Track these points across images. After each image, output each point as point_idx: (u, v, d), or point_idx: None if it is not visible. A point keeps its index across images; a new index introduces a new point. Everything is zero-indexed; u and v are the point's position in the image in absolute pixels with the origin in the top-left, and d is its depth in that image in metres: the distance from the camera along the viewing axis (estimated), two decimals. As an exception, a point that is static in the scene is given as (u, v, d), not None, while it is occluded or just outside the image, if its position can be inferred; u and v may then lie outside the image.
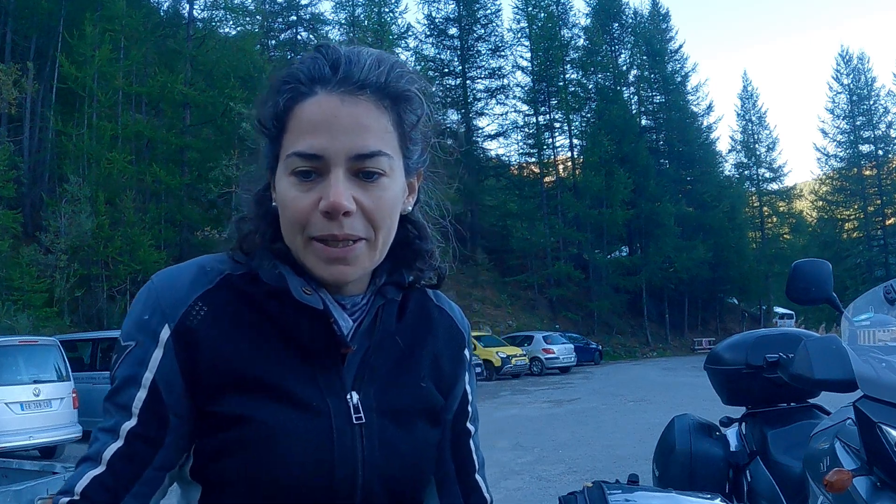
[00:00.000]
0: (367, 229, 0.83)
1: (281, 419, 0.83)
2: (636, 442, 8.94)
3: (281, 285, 0.86)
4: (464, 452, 1.04)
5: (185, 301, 0.85)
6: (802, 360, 1.98)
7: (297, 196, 0.81)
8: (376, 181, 0.82)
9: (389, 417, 0.89)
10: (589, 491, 1.81)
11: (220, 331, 0.84)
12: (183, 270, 0.89)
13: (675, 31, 55.40)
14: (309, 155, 0.80)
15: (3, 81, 22.00)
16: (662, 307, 44.13)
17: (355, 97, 0.81)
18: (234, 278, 0.88)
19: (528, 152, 45.88)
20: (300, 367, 0.86)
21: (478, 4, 44.77)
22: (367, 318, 0.91)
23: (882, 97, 52.75)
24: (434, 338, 0.99)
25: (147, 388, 0.83)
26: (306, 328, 0.86)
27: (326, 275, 0.84)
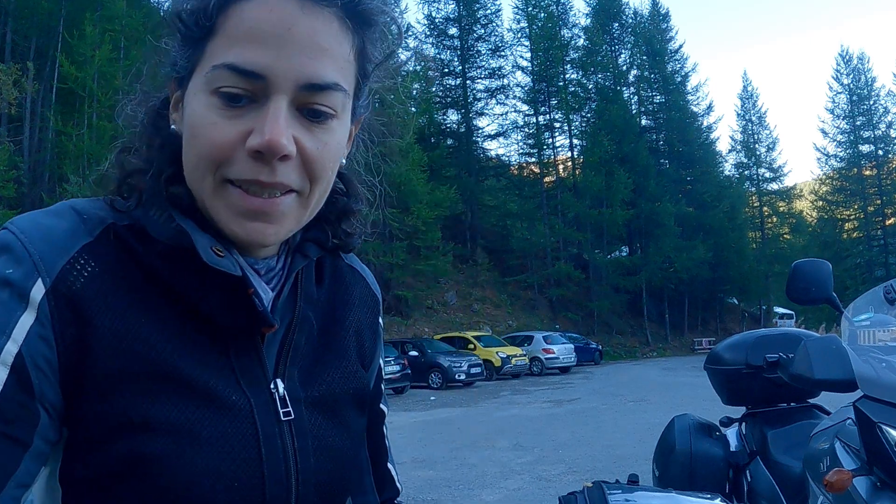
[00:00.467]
0: (303, 180, 0.64)
1: (193, 423, 0.62)
2: (636, 442, 8.94)
3: (180, 243, 0.64)
4: (377, 439, 0.89)
5: (65, 251, 0.62)
6: (802, 360, 1.98)
7: (217, 123, 0.61)
8: (324, 122, 0.64)
9: (318, 409, 0.72)
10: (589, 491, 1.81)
11: (113, 297, 0.62)
12: (54, 214, 0.65)
13: (675, 31, 55.54)
14: (247, 72, 0.60)
15: (3, 81, 22.00)
16: (662, 307, 44.13)
17: (318, 7, 0.62)
18: (119, 229, 0.66)
19: (528, 152, 45.89)
20: (209, 350, 0.66)
21: (478, 4, 44.75)
22: (288, 283, 0.72)
23: (882, 97, 52.85)
24: (352, 306, 0.82)
25: (9, 367, 0.58)
26: (217, 299, 0.65)
27: (242, 232, 0.64)
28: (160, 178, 0.66)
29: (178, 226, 0.64)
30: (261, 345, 0.69)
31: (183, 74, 0.65)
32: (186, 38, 0.64)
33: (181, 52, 0.65)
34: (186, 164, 0.64)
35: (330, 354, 0.76)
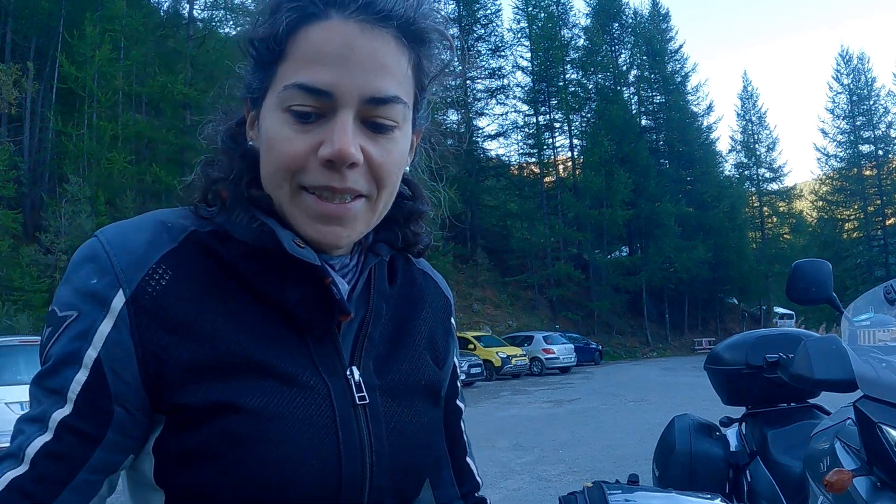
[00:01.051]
0: (370, 185, 0.70)
1: (275, 405, 0.68)
2: (636, 442, 8.94)
3: (261, 243, 0.70)
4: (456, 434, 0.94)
5: (145, 262, 0.68)
6: (802, 360, 1.98)
7: (292, 136, 0.67)
8: (387, 133, 0.70)
9: (392, 396, 0.77)
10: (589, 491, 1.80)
11: (191, 299, 0.68)
12: (139, 225, 0.71)
13: (675, 31, 55.55)
14: (315, 90, 0.66)
15: (3, 81, 21.99)
16: (662, 307, 44.14)
17: (377, 29, 0.67)
18: (202, 235, 0.72)
19: (528, 152, 45.90)
20: (289, 340, 0.71)
21: (478, 4, 44.76)
22: (361, 279, 0.77)
23: (882, 97, 52.86)
24: (424, 305, 0.87)
25: (89, 369, 0.65)
26: (296, 292, 0.71)
27: (316, 234, 0.69)
28: (240, 183, 0.72)
29: (260, 225, 0.70)
30: (337, 335, 0.74)
31: (257, 96, 0.72)
32: (259, 63, 0.71)
33: (254, 76, 0.72)
34: (264, 174, 0.70)
35: (402, 348, 0.81)
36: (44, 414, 0.65)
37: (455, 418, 0.93)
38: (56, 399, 0.65)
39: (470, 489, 0.95)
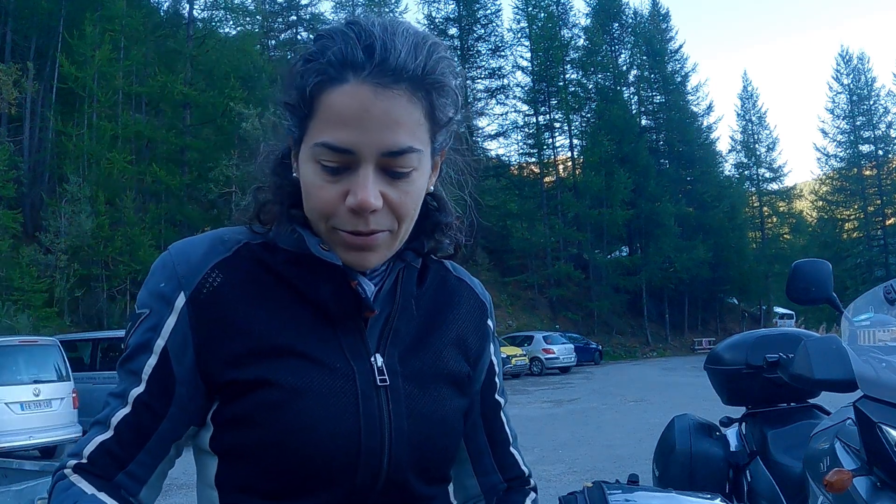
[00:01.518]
0: (392, 222, 0.81)
1: (305, 381, 0.81)
2: (636, 442, 8.94)
3: (300, 250, 0.84)
4: (496, 425, 1.02)
5: (201, 269, 0.84)
6: (802, 360, 1.98)
7: (323, 186, 0.79)
8: (405, 178, 0.80)
9: (414, 382, 0.87)
10: (589, 491, 1.80)
11: (237, 297, 0.83)
12: (199, 240, 0.88)
13: (675, 32, 55.50)
14: (339, 148, 0.77)
15: (3, 81, 22.00)
16: (662, 307, 44.13)
17: (389, 90, 0.76)
18: (251, 246, 0.87)
19: (528, 152, 45.91)
20: (322, 330, 0.85)
21: (478, 4, 44.77)
22: (388, 281, 0.89)
23: (882, 97, 52.83)
24: (456, 308, 0.97)
25: (157, 355, 0.82)
26: (328, 291, 0.84)
27: (351, 261, 0.83)
28: (284, 205, 0.87)
29: (298, 235, 0.84)
30: (364, 327, 0.86)
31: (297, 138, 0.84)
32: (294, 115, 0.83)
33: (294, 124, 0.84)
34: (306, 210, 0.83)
35: (428, 342, 0.91)
36: (124, 391, 0.83)
37: (493, 412, 1.02)
38: (134, 379, 0.83)
39: (514, 475, 1.03)
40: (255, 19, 35.24)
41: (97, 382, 11.51)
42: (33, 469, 4.68)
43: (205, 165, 27.21)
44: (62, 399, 9.91)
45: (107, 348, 12.85)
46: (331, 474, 0.80)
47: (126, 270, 22.97)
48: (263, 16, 37.07)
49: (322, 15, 41.63)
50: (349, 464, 0.81)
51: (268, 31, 38.83)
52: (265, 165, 0.92)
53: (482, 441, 1.00)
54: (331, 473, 0.80)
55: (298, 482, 0.80)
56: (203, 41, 30.22)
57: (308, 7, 41.38)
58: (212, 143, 28.88)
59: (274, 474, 0.80)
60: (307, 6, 41.29)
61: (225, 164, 24.68)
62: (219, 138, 28.73)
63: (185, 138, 28.73)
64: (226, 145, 27.09)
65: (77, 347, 12.81)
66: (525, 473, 1.04)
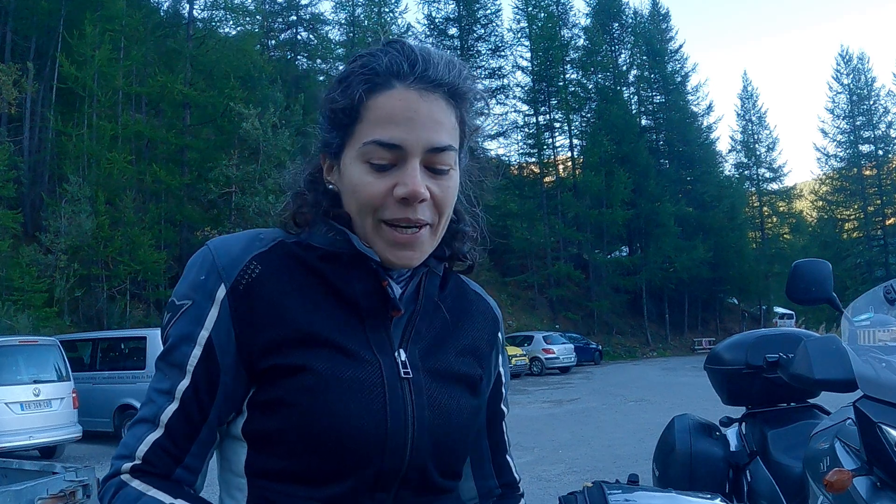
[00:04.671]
0: (434, 216, 0.88)
1: (338, 369, 0.85)
2: (636, 442, 8.94)
3: (335, 248, 0.89)
4: (498, 433, 1.08)
5: (240, 261, 0.88)
6: (802, 360, 1.98)
7: (373, 182, 0.85)
8: (445, 174, 0.88)
9: (434, 378, 0.92)
10: (589, 491, 1.80)
11: (275, 288, 0.87)
12: (237, 236, 0.93)
13: (675, 31, 55.54)
14: (390, 144, 0.84)
15: (3, 81, 21.98)
16: (662, 307, 44.12)
17: (431, 94, 0.86)
18: (287, 243, 0.92)
19: (528, 152, 45.89)
20: (352, 324, 0.89)
21: (478, 4, 44.74)
22: (412, 284, 0.95)
23: (882, 97, 52.75)
24: (472, 317, 1.03)
25: (202, 346, 0.85)
26: (360, 288, 0.89)
27: (395, 258, 0.88)
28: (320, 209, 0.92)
29: (335, 234, 0.90)
30: (389, 324, 0.91)
31: (334, 151, 0.91)
32: (336, 124, 0.90)
33: (331, 134, 0.91)
34: (349, 208, 0.89)
35: (446, 343, 0.96)
36: (171, 386, 0.85)
37: (498, 420, 1.08)
38: (178, 372, 0.85)
39: (508, 481, 1.08)
40: (255, 19, 35.22)
41: (97, 382, 11.51)
42: (33, 469, 4.68)
43: (205, 165, 27.20)
44: (62, 399, 9.90)
45: (107, 348, 12.85)
46: (359, 459, 0.84)
47: (126, 270, 22.96)
48: (263, 16, 37.05)
49: (322, 15, 41.66)
50: (377, 449, 0.84)
51: (268, 31, 38.79)
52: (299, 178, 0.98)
53: (484, 447, 1.05)
54: (359, 458, 0.84)
55: (328, 466, 0.84)
56: (203, 41, 30.20)
57: (308, 7, 41.34)
58: (212, 143, 28.87)
59: (305, 459, 0.84)
60: (307, 6, 41.25)
61: (225, 164, 24.67)
62: (219, 138, 28.73)
63: (185, 138, 28.70)
64: (226, 145, 27.08)
65: (77, 347, 12.80)
66: (516, 480, 1.10)
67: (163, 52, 30.21)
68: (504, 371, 1.09)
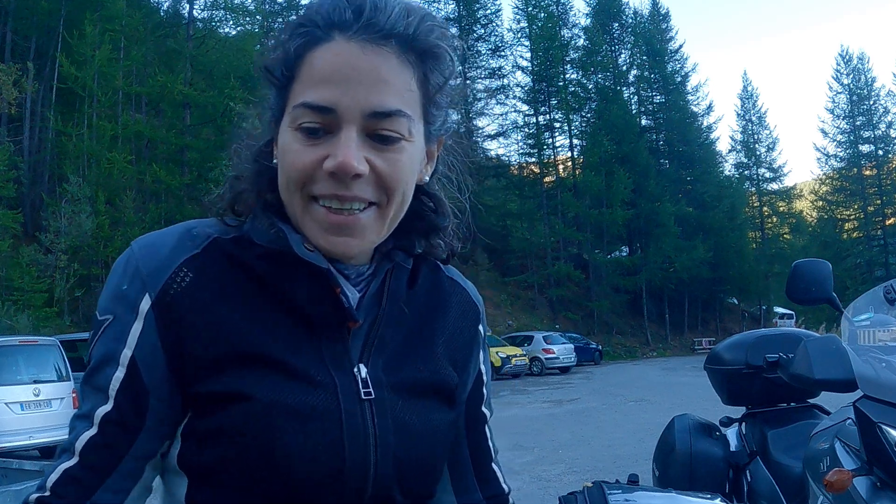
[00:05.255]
0: (379, 194, 0.74)
1: (283, 395, 0.73)
2: (636, 442, 8.94)
3: (277, 245, 0.76)
4: (479, 439, 0.94)
5: (168, 267, 0.75)
6: (802, 360, 1.98)
7: (301, 150, 0.72)
8: (393, 144, 0.73)
9: (401, 394, 0.80)
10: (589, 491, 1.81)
11: (209, 299, 0.75)
12: (165, 234, 0.79)
13: (675, 31, 55.55)
14: (319, 107, 0.71)
15: (3, 81, 21.99)
16: (662, 307, 44.13)
17: (378, 47, 0.71)
18: (223, 241, 0.78)
19: (528, 152, 45.89)
20: (301, 338, 0.76)
21: (478, 4, 44.75)
22: (374, 284, 0.81)
23: (882, 97, 52.79)
24: (447, 311, 0.90)
25: (125, 367, 0.73)
26: (308, 294, 0.76)
27: (328, 245, 0.74)
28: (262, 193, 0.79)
29: (277, 230, 0.77)
30: (347, 335, 0.79)
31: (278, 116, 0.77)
32: (276, 87, 0.76)
33: (275, 99, 0.77)
34: (280, 185, 0.76)
35: (417, 349, 0.84)
36: (90, 410, 0.74)
37: (479, 424, 0.95)
38: (100, 396, 0.74)
39: (494, 493, 0.95)
40: (255, 19, 35.22)
41: (97, 382, 11.51)
42: (33, 469, 4.68)
43: (205, 165, 27.23)
44: (62, 399, 9.90)
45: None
46: (312, 495, 0.73)
47: (126, 270, 22.97)
48: (263, 16, 37.03)
49: (322, 15, 41.63)
50: (332, 484, 0.74)
51: (268, 31, 38.77)
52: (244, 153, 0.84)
53: (464, 456, 0.92)
54: (312, 494, 0.73)
55: None
56: (203, 41, 30.25)
57: (308, 7, 41.39)
58: (212, 143, 28.89)
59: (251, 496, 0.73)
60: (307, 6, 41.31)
61: (225, 164, 24.27)
62: (219, 138, 28.73)
63: (185, 138, 28.74)
64: (226, 145, 26.79)
65: (77, 347, 12.79)
66: (505, 491, 0.97)
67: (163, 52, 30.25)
68: (486, 368, 0.96)
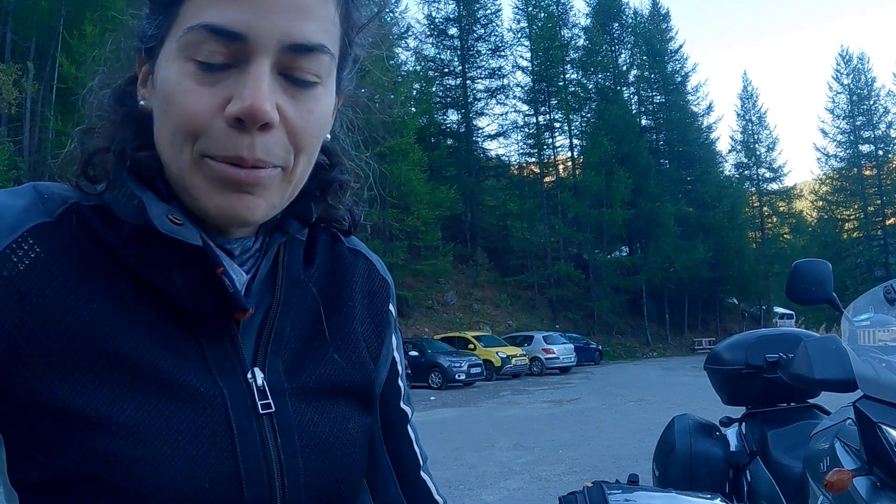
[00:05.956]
0: (286, 154, 0.58)
1: (152, 416, 0.55)
2: (636, 442, 8.95)
3: (143, 221, 0.58)
4: (402, 443, 0.79)
5: (11, 231, 0.57)
6: (802, 360, 1.98)
7: (193, 90, 0.55)
8: (309, 89, 0.58)
9: (308, 401, 0.64)
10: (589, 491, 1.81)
11: (59, 282, 0.56)
12: (12, 193, 0.60)
13: (675, 31, 55.66)
14: (225, 31, 0.54)
15: (3, 81, 22.00)
16: (662, 307, 44.13)
17: None
18: (82, 209, 0.60)
19: (528, 152, 45.87)
20: (178, 336, 0.59)
21: (478, 4, 44.74)
22: (265, 263, 0.65)
23: (882, 97, 52.85)
24: (352, 290, 0.73)
25: None
26: (182, 280, 0.59)
27: (225, 204, 0.57)
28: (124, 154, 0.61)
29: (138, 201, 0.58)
30: (236, 331, 0.62)
31: (153, 45, 0.59)
32: (156, 4, 0.59)
33: (150, 21, 0.59)
34: (160, 137, 0.58)
35: (321, 342, 0.68)
36: None
37: (400, 424, 0.79)
38: None
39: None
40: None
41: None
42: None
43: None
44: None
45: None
46: None
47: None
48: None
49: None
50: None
51: None
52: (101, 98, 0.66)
53: (384, 464, 0.77)
54: None
55: None
56: (203, 41, 30.28)
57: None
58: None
59: None
60: (307, 6, 41.29)
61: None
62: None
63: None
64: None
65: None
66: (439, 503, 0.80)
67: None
68: (399, 357, 0.80)
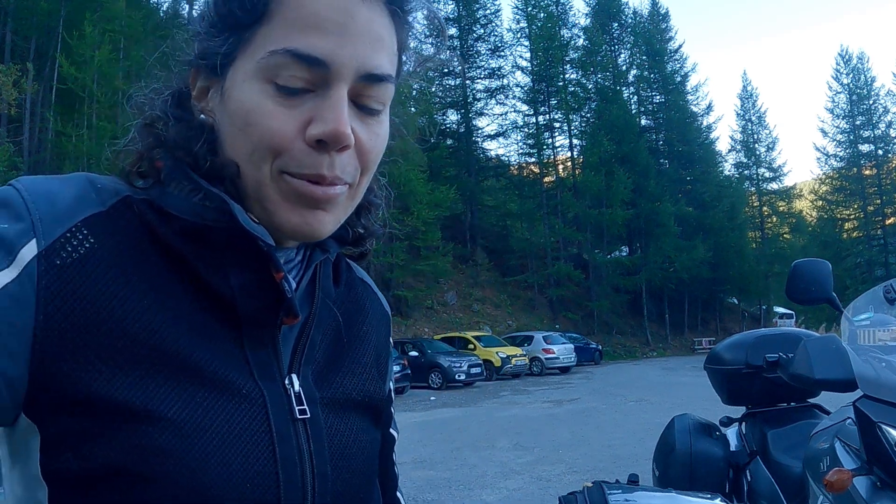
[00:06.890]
0: (355, 173, 0.62)
1: (199, 413, 0.56)
2: (636, 442, 8.95)
3: (201, 220, 0.59)
4: (388, 465, 0.83)
5: (67, 218, 0.56)
6: (802, 360, 1.98)
7: (276, 111, 0.57)
8: (376, 116, 0.62)
9: (334, 412, 0.67)
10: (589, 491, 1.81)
11: (112, 275, 0.56)
12: (65, 179, 0.60)
13: (674, 31, 55.77)
14: (311, 59, 0.57)
15: (3, 82, 22.00)
16: (662, 307, 44.13)
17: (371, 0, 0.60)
18: (136, 203, 0.60)
19: (528, 152, 45.88)
20: (223, 336, 0.60)
21: (478, 4, 44.76)
22: (306, 277, 0.67)
23: (882, 97, 52.85)
24: (366, 315, 0.78)
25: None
26: (238, 281, 0.60)
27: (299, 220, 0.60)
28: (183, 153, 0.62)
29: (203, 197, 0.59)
30: (278, 336, 0.63)
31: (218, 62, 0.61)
32: (227, 24, 0.60)
33: (217, 39, 0.61)
34: (235, 150, 0.60)
35: (345, 357, 0.71)
36: None
37: (389, 448, 0.82)
38: None
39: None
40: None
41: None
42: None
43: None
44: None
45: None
46: None
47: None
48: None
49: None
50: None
51: None
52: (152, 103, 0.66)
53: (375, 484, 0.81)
54: None
55: None
56: (203, 41, 30.24)
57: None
58: (212, 143, 28.91)
59: None
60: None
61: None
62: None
63: (185, 138, 28.74)
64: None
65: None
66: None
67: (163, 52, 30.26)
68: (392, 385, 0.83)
